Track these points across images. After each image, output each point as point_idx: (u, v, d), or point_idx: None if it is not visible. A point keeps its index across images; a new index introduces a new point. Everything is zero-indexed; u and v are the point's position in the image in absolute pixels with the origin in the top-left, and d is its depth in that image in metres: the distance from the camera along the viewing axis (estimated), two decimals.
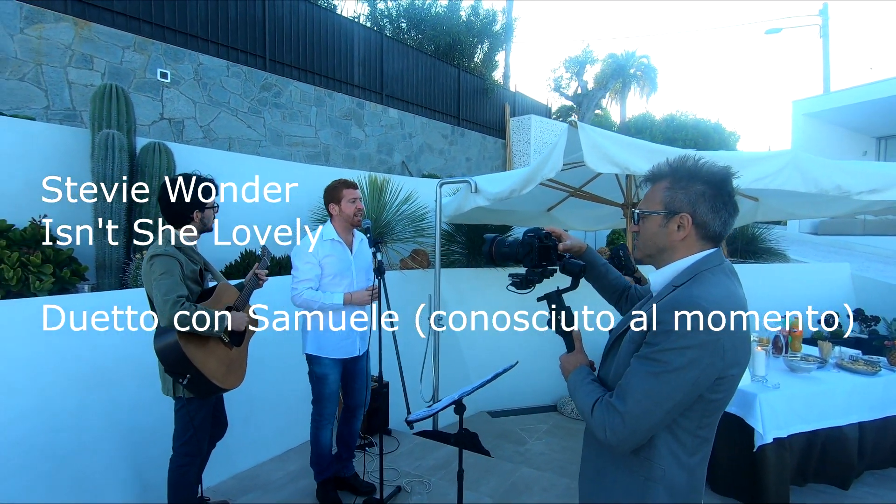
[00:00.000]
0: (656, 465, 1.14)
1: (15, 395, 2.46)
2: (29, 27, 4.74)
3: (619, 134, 2.91)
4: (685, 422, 1.13)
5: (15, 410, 2.45)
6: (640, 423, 1.08)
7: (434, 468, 3.32)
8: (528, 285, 1.56)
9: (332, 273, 2.72)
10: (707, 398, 1.11)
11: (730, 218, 1.19)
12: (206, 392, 2.23)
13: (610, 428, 1.11)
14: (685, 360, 1.05)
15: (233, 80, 6.50)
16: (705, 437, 1.17)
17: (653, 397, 1.07)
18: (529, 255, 1.52)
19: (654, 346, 1.09)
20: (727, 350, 1.06)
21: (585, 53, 17.84)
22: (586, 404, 1.20)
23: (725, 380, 1.10)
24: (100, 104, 3.60)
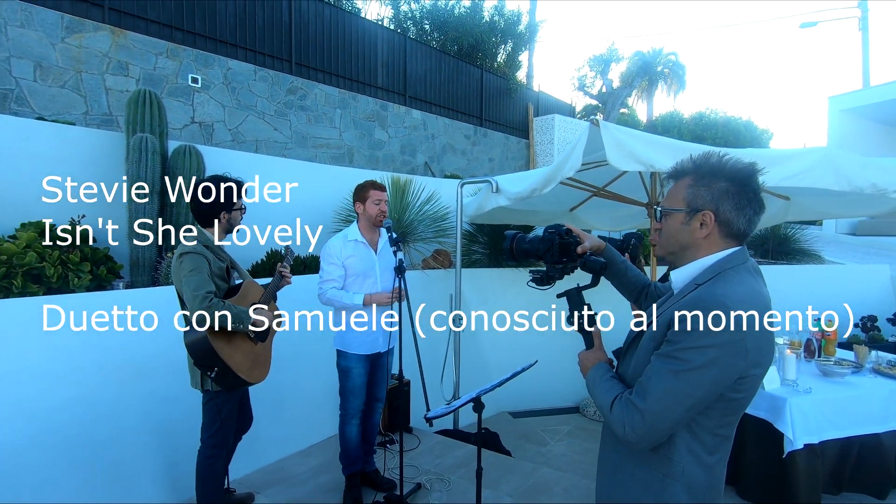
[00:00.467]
0: (675, 462, 1.13)
1: (57, 385, 2.59)
2: (70, 36, 4.97)
3: (641, 131, 2.87)
4: (705, 420, 1.12)
5: (57, 400, 2.58)
6: (660, 421, 1.08)
7: (454, 466, 3.34)
8: (549, 282, 1.57)
9: (356, 273, 2.78)
10: (728, 397, 1.09)
11: (755, 216, 1.17)
12: (233, 385, 2.30)
13: (629, 424, 1.11)
14: (706, 358, 1.04)
15: (260, 84, 6.67)
16: (725, 435, 1.15)
17: (673, 395, 1.07)
18: (550, 252, 1.52)
19: (676, 344, 1.08)
20: (750, 350, 1.05)
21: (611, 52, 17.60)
22: (605, 401, 1.20)
23: (747, 379, 1.08)
24: (134, 109, 3.74)
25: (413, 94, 9.14)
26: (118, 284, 3.37)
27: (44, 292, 2.92)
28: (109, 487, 2.68)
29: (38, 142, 3.54)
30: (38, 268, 2.91)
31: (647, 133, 2.90)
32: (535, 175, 3.37)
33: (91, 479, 2.63)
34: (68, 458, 2.57)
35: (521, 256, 1.60)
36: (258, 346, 2.44)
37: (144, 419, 2.88)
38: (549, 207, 5.48)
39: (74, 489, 2.56)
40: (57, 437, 2.55)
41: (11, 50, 4.60)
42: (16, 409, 2.45)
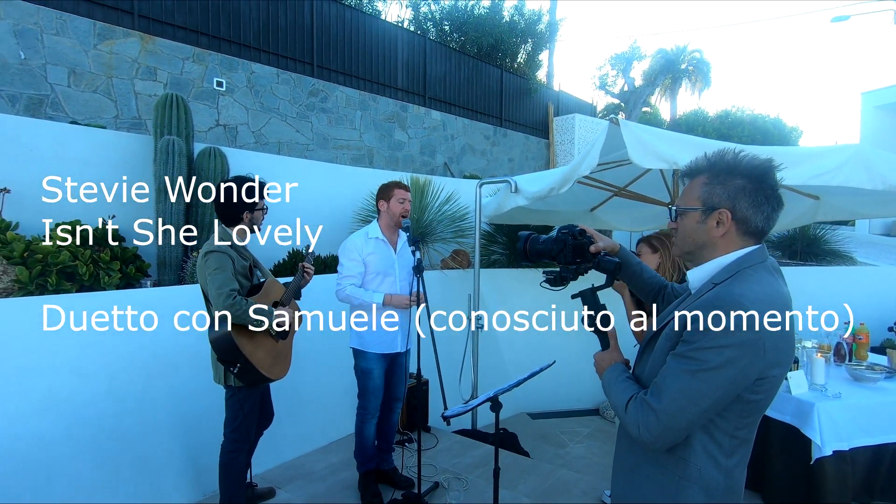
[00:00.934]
0: (692, 464, 1.12)
1: (87, 379, 2.68)
2: (101, 43, 5.14)
3: (661, 129, 2.83)
4: (722, 422, 1.10)
5: (87, 394, 2.67)
6: (675, 422, 1.07)
7: (472, 466, 3.34)
8: (562, 282, 1.55)
9: (376, 271, 2.81)
10: (746, 398, 1.07)
11: (773, 213, 1.15)
12: (254, 381, 2.35)
13: (644, 425, 1.10)
14: (723, 359, 1.02)
15: (282, 87, 6.78)
16: (744, 438, 1.13)
17: (688, 395, 1.05)
18: (563, 252, 1.51)
19: (692, 344, 1.07)
20: (768, 350, 1.03)
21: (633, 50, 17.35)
22: (621, 401, 1.19)
23: (766, 381, 1.07)
24: (162, 112, 3.86)
25: (432, 95, 9.18)
26: (146, 283, 3.47)
27: (76, 290, 3.02)
28: (136, 480, 2.76)
29: (71, 145, 3.68)
30: (71, 266, 3.02)
31: (668, 131, 2.86)
32: (554, 174, 3.36)
33: (119, 471, 2.71)
34: (98, 451, 2.66)
35: (535, 257, 1.59)
36: (279, 343, 2.49)
37: (169, 414, 2.97)
38: (569, 207, 5.44)
39: (103, 481, 2.65)
40: (87, 430, 2.64)
41: (47, 57, 4.78)
42: (49, 402, 2.55)
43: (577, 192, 4.76)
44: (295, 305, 2.67)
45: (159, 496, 2.82)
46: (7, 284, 2.84)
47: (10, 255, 2.91)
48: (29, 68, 4.67)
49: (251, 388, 2.43)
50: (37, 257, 2.93)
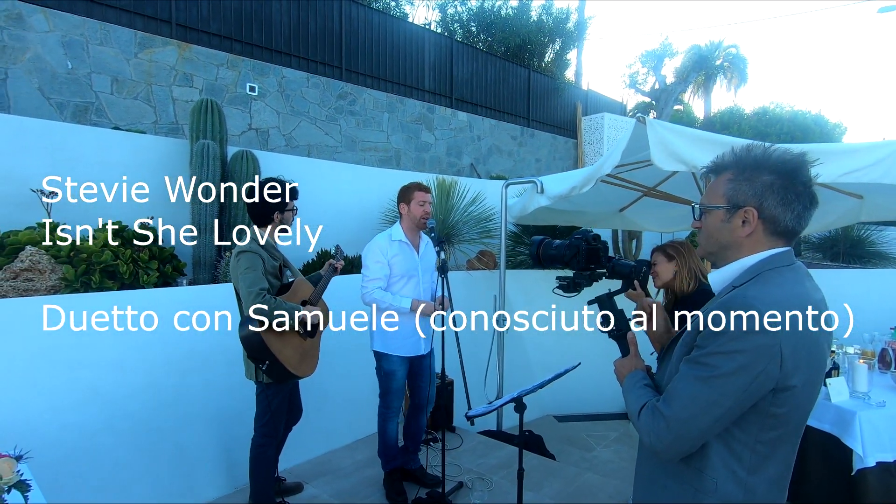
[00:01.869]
0: (707, 477, 1.07)
1: (127, 373, 2.81)
2: (142, 52, 5.37)
3: (694, 129, 2.76)
4: (741, 433, 1.05)
5: (128, 387, 2.80)
6: (686, 430, 1.03)
7: (496, 467, 3.33)
8: (575, 288, 1.56)
9: (400, 273, 2.84)
10: (766, 410, 1.02)
11: (805, 211, 1.07)
12: (282, 377, 2.42)
13: (654, 432, 1.07)
14: (735, 364, 0.98)
15: (312, 91, 6.92)
16: (766, 454, 1.06)
17: (699, 403, 1.01)
18: (576, 258, 1.51)
19: (703, 348, 1.03)
20: (786, 357, 0.97)
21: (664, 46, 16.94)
22: (635, 408, 1.16)
23: (789, 392, 1.00)
24: (197, 117, 4.00)
25: (459, 97, 9.20)
26: (182, 281, 3.61)
27: (117, 287, 3.17)
28: (172, 470, 2.88)
29: (113, 150, 3.86)
30: (113, 265, 3.16)
31: (700, 130, 2.78)
32: (578, 174, 3.33)
33: (156, 462, 2.83)
34: (137, 442, 2.78)
35: (548, 263, 1.59)
36: (307, 341, 2.55)
37: (203, 408, 3.07)
38: (597, 208, 5.36)
39: (142, 471, 2.77)
40: (127, 422, 2.76)
41: (92, 66, 5.02)
42: (93, 395, 2.68)
43: (605, 193, 4.69)
44: (324, 304, 2.73)
45: (194, 487, 2.93)
46: (55, 282, 3.00)
47: (58, 255, 3.07)
48: (75, 77, 4.92)
49: (280, 384, 2.49)
50: (82, 256, 3.09)
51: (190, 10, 5.85)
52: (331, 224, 5.09)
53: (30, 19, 4.65)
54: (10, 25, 4.56)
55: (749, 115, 19.38)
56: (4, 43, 4.53)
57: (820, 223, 4.71)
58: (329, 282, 2.74)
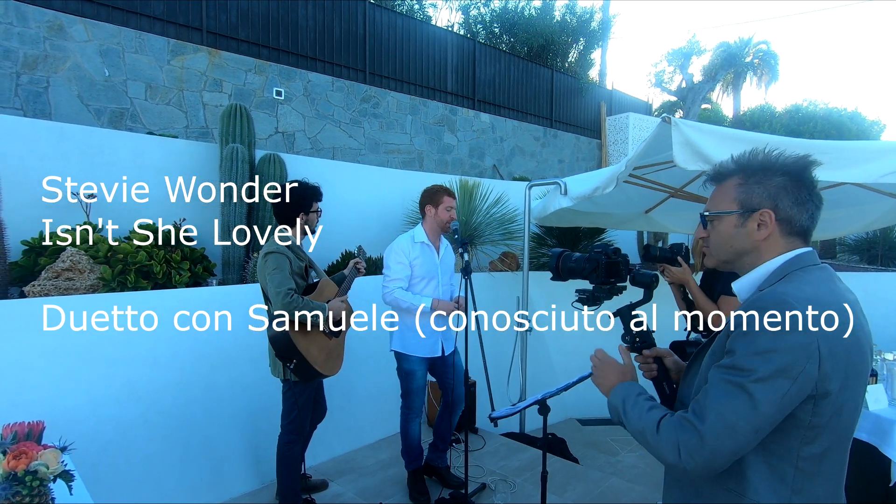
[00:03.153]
0: (748, 497, 0.99)
1: (160, 369, 2.91)
2: (174, 59, 5.55)
3: (720, 127, 2.70)
4: (778, 447, 0.97)
5: (160, 382, 2.89)
6: (723, 444, 0.94)
7: (519, 469, 3.32)
8: (595, 302, 1.53)
9: (421, 275, 2.86)
10: (803, 420, 0.95)
11: (816, 211, 1.07)
12: (309, 376, 2.47)
13: (685, 448, 0.96)
14: (773, 366, 0.92)
15: (337, 94, 7.03)
16: (810, 471, 0.98)
17: (737, 412, 0.93)
18: (595, 272, 1.49)
19: (735, 352, 0.96)
20: (824, 356, 0.92)
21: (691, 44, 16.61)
22: (649, 422, 1.04)
23: (826, 399, 0.94)
24: (227, 122, 4.11)
25: (482, 98, 9.20)
26: (212, 281, 3.71)
27: (151, 287, 3.28)
28: (202, 465, 2.96)
29: (147, 154, 3.99)
30: (148, 265, 3.28)
31: (726, 128, 2.72)
32: (600, 174, 3.29)
33: (187, 456, 2.92)
34: (169, 436, 2.87)
35: (567, 276, 1.55)
36: (332, 340, 2.59)
37: (230, 404, 3.15)
38: (622, 209, 5.29)
39: (175, 463, 2.86)
40: (160, 416, 2.86)
41: (127, 73, 5.22)
42: (128, 391, 2.78)
43: (630, 194, 4.62)
44: (348, 304, 2.78)
45: (222, 481, 3.01)
46: (93, 281, 3.13)
47: (96, 255, 3.20)
48: (112, 84, 5.12)
49: (306, 382, 2.54)
50: (118, 257, 3.21)
51: (220, 17, 6.01)
52: (354, 225, 5.16)
53: (70, 29, 4.86)
54: (52, 36, 4.77)
55: (781, 113, 18.81)
56: (47, 53, 4.74)
57: (858, 224, 4.55)
58: (353, 282, 2.78)
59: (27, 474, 1.29)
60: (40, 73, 4.70)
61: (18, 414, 2.40)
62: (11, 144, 3.32)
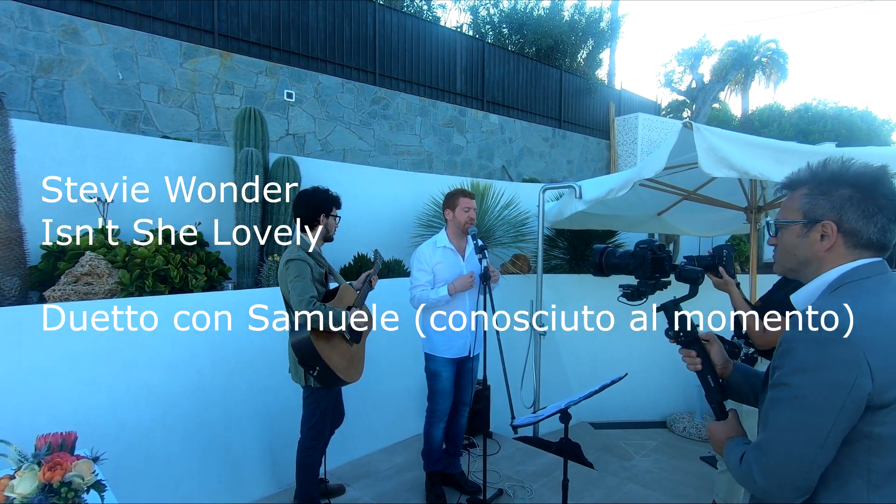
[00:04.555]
0: None
1: (178, 373, 2.92)
2: (186, 62, 5.57)
3: (740, 133, 2.68)
4: (852, 465, 0.97)
5: (178, 387, 2.91)
6: (787, 459, 0.96)
7: (535, 475, 3.31)
8: (640, 297, 1.56)
9: (443, 279, 2.86)
10: (868, 432, 0.95)
11: (889, 223, 1.04)
12: (332, 383, 2.47)
13: (757, 468, 1.00)
14: (818, 380, 0.94)
15: (347, 96, 7.04)
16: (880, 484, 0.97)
17: (793, 426, 0.96)
18: (641, 267, 1.52)
19: (782, 368, 1.00)
20: (876, 369, 0.92)
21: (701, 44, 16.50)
22: (735, 458, 1.08)
23: (888, 409, 0.94)
24: (241, 125, 4.12)
25: (490, 99, 9.19)
26: (227, 285, 3.72)
27: (168, 291, 3.29)
28: (220, 469, 2.97)
29: (162, 158, 4.01)
30: (164, 269, 3.29)
31: (746, 135, 2.70)
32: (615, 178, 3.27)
33: (206, 460, 2.93)
34: (188, 441, 2.88)
35: (611, 271, 1.59)
36: (353, 346, 2.59)
37: (248, 408, 3.16)
38: (634, 212, 5.27)
39: (193, 469, 2.87)
40: (179, 420, 2.87)
41: (141, 76, 5.24)
42: (147, 395, 2.80)
43: (642, 196, 4.60)
44: (367, 310, 2.78)
45: (241, 485, 3.02)
46: (111, 286, 3.14)
47: (114, 260, 3.21)
48: (125, 87, 5.14)
49: (328, 389, 2.55)
50: (135, 261, 3.22)
51: (231, 20, 6.03)
52: (366, 228, 5.16)
53: (84, 33, 4.89)
54: (66, 40, 4.80)
55: (790, 112, 18.66)
56: (62, 56, 4.77)
57: None
58: (368, 291, 2.78)
59: (62, 485, 1.29)
60: (55, 77, 4.73)
61: (44, 419, 2.43)
62: (30, 149, 3.34)
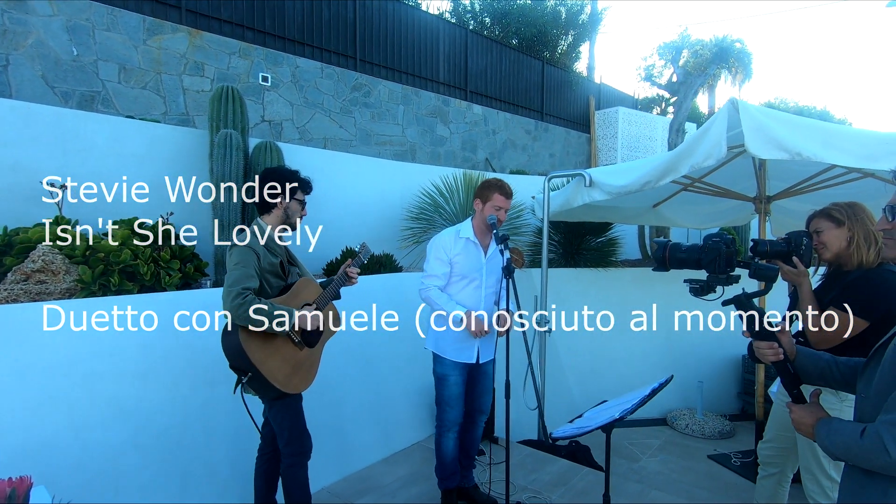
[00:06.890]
0: None
1: (150, 383, 2.54)
2: (150, 38, 5.07)
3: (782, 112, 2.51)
4: None
5: (152, 401, 2.53)
6: None
7: (551, 484, 3.08)
8: (709, 291, 1.56)
9: (461, 274, 2.57)
10: None
11: None
12: (266, 392, 2.11)
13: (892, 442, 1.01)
14: None
15: (326, 82, 6.63)
16: None
17: None
18: (715, 262, 1.52)
19: None
20: None
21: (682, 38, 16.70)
22: (852, 437, 1.09)
23: None
24: (217, 106, 3.71)
25: (474, 89, 8.93)
26: (205, 283, 3.33)
27: (137, 290, 2.89)
28: (206, 492, 2.61)
29: (127, 140, 3.57)
30: (133, 265, 2.88)
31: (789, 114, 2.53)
32: (647, 166, 3.05)
33: (187, 482, 2.56)
34: (166, 461, 2.51)
35: (675, 265, 1.62)
36: (303, 351, 2.21)
37: (233, 421, 2.80)
38: (630, 204, 5.09)
39: (174, 492, 2.50)
40: (153, 439, 2.50)
41: (98, 53, 4.72)
42: (115, 410, 2.41)
43: None
44: (333, 309, 2.41)
45: None
46: (70, 284, 2.72)
47: (72, 254, 2.79)
48: (81, 65, 4.62)
49: (264, 399, 2.20)
50: (98, 256, 2.81)
51: None
52: (353, 220, 4.84)
53: (32, 2, 4.34)
54: (10, 9, 4.24)
55: None
56: (5, 27, 4.22)
57: None
58: (338, 289, 2.38)
59: None
60: None
61: None
62: None
